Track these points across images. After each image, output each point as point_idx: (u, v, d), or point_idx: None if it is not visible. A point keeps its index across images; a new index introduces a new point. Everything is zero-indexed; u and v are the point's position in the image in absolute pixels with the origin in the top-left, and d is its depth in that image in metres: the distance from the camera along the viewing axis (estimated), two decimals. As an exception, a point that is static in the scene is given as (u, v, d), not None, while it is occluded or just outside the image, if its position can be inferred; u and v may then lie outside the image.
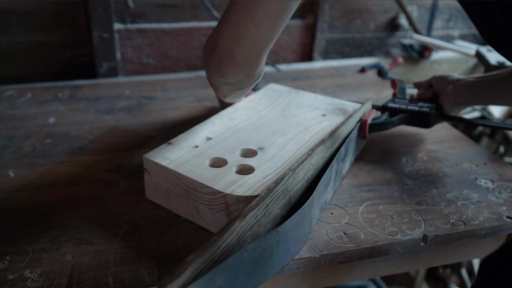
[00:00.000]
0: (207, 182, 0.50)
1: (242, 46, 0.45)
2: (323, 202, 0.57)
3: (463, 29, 1.76)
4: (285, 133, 0.64)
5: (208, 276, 0.36)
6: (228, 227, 0.40)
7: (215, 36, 0.48)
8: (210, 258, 0.38)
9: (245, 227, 0.42)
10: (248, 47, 0.46)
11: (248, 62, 0.47)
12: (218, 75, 0.50)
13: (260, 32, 0.45)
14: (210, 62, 0.50)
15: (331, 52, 1.54)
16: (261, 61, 0.49)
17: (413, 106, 0.73)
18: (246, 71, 0.49)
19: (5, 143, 0.74)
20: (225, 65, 0.47)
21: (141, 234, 0.53)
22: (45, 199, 0.59)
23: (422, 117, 0.71)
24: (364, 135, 0.69)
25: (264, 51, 0.48)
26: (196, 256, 0.36)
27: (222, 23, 0.46)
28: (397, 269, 0.59)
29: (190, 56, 1.30)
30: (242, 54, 0.46)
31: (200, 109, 0.91)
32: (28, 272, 0.46)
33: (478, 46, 1.28)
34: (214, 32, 0.49)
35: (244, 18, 0.44)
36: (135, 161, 0.69)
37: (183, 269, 0.35)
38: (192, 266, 0.35)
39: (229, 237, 0.40)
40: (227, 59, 0.47)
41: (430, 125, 0.72)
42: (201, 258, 0.36)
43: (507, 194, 0.63)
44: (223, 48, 0.46)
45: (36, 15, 1.10)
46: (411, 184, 0.65)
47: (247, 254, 0.40)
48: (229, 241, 0.40)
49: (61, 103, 0.91)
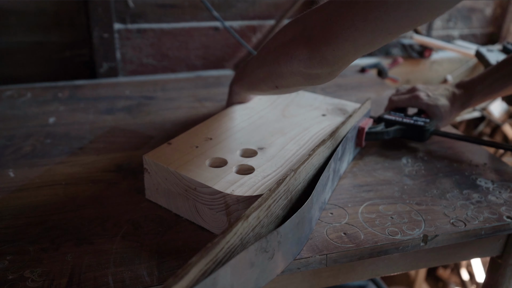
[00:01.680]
0: (207, 182, 0.50)
1: (340, 46, 0.46)
2: (322, 201, 0.57)
3: (463, 29, 1.76)
4: (285, 133, 0.64)
5: (211, 278, 0.36)
6: (230, 229, 0.40)
7: (316, 29, 0.47)
8: (213, 259, 0.38)
9: (247, 228, 0.42)
10: (346, 49, 0.46)
11: (340, 63, 0.48)
12: (303, 64, 0.49)
13: (358, 47, 0.45)
14: (302, 49, 0.49)
15: (331, 52, 1.54)
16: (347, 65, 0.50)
17: (409, 119, 0.74)
18: (333, 70, 0.49)
19: (5, 143, 0.74)
20: (319, 55, 0.48)
21: (141, 234, 0.53)
22: (45, 199, 0.59)
23: (417, 131, 0.73)
24: (360, 142, 0.70)
25: (356, 58, 0.48)
26: (199, 258, 0.36)
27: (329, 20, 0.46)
28: (397, 269, 0.59)
29: (190, 56, 1.30)
30: (337, 54, 0.46)
31: (200, 109, 0.91)
32: (28, 272, 0.46)
33: (478, 46, 1.28)
34: (313, 22, 0.48)
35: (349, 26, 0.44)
36: (135, 161, 0.69)
37: (187, 271, 0.35)
38: (195, 268, 0.35)
39: (232, 238, 0.40)
40: (323, 49, 0.47)
41: (425, 139, 0.74)
42: (205, 259, 0.36)
43: (507, 194, 0.63)
44: (322, 40, 0.46)
45: (36, 15, 1.10)
46: (411, 184, 0.65)
47: (248, 256, 0.40)
48: (231, 242, 0.40)
49: (61, 103, 0.91)
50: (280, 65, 0.52)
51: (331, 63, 0.48)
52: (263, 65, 0.57)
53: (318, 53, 0.47)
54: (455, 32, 1.75)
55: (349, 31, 0.44)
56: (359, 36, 0.44)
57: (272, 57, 0.54)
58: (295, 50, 0.49)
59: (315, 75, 0.51)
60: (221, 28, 1.29)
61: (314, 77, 0.51)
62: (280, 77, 0.55)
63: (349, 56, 0.47)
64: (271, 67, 0.54)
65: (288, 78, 0.54)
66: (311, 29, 0.47)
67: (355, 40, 0.44)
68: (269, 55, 0.55)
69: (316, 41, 0.47)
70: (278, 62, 0.52)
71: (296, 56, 0.49)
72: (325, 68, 0.49)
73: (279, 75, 0.54)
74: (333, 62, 0.48)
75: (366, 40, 0.44)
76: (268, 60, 0.55)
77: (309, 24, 0.48)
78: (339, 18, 0.44)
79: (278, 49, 0.52)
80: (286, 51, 0.51)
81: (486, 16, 1.77)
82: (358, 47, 0.45)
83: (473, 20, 1.76)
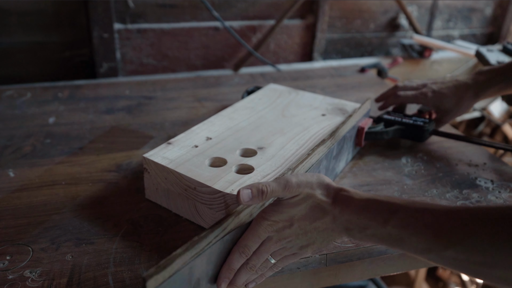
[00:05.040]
0: (207, 182, 0.50)
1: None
2: None
3: (463, 29, 1.76)
4: (285, 133, 0.64)
5: (187, 267, 0.36)
6: (220, 223, 0.40)
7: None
8: (199, 253, 0.38)
9: (238, 224, 0.42)
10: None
11: None
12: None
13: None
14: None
15: (331, 52, 1.54)
16: None
17: (408, 119, 0.74)
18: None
19: (5, 143, 0.74)
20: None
21: (141, 234, 0.53)
22: (45, 199, 0.59)
23: (416, 131, 0.73)
24: (360, 142, 0.70)
25: None
26: (184, 250, 0.36)
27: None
28: (397, 269, 0.59)
29: (190, 56, 1.30)
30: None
31: (200, 109, 0.91)
32: (28, 272, 0.46)
33: (478, 46, 1.28)
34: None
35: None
36: (135, 161, 0.69)
37: (170, 261, 0.35)
38: (179, 259, 0.35)
39: (221, 233, 0.40)
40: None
41: (424, 139, 0.74)
42: (190, 252, 0.37)
43: (506, 194, 0.63)
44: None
45: (36, 15, 1.10)
46: (411, 184, 0.65)
47: (224, 245, 0.41)
48: (220, 237, 0.40)
49: (61, 103, 0.91)
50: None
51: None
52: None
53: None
54: (455, 32, 1.75)
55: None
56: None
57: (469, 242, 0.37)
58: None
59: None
60: (221, 28, 1.29)
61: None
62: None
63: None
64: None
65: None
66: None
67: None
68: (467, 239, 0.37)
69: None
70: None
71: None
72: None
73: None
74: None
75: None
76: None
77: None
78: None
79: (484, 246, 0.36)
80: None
81: (486, 16, 1.77)
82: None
83: (473, 20, 1.76)
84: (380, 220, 0.40)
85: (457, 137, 0.74)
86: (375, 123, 0.77)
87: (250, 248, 0.43)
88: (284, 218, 0.43)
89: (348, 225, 0.42)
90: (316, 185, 0.44)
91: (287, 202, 0.43)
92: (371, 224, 0.41)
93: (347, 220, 0.42)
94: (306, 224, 0.44)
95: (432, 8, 1.63)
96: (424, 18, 1.65)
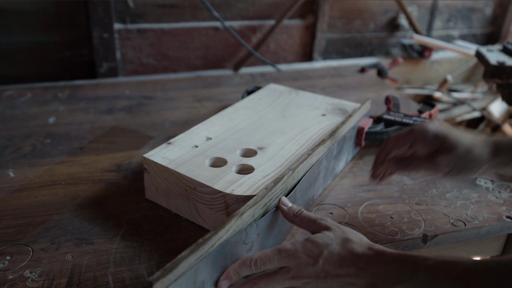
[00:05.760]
0: (207, 182, 0.50)
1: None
2: (309, 198, 0.57)
3: (463, 29, 1.76)
4: (285, 133, 0.64)
5: (193, 270, 0.36)
6: (223, 225, 0.40)
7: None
8: (204, 255, 0.38)
9: (241, 226, 0.42)
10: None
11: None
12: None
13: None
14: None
15: (331, 52, 1.54)
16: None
17: (408, 119, 0.74)
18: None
19: (5, 143, 0.74)
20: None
21: (141, 234, 0.53)
22: (45, 199, 0.59)
23: None
24: (360, 142, 0.70)
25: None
26: (189, 253, 0.36)
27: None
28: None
29: (190, 56, 1.31)
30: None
31: (200, 109, 0.91)
32: (28, 272, 0.46)
33: (478, 46, 1.28)
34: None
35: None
36: (135, 161, 0.69)
37: (175, 265, 0.35)
38: (185, 262, 0.35)
39: (225, 235, 0.40)
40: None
41: None
42: (195, 254, 0.37)
43: (506, 194, 0.63)
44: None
45: (36, 15, 1.10)
46: (411, 184, 0.65)
47: (228, 247, 0.41)
48: (224, 239, 0.40)
49: (61, 103, 0.91)
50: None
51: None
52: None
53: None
54: (455, 32, 1.75)
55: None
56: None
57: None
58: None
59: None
60: (221, 28, 1.30)
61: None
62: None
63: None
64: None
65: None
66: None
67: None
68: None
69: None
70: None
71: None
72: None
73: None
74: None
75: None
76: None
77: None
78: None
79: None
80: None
81: (486, 16, 1.77)
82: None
83: (473, 20, 1.76)
84: (408, 273, 0.39)
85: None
86: (375, 123, 0.77)
87: (264, 265, 0.41)
88: (313, 253, 0.41)
89: (374, 280, 0.41)
90: (351, 233, 0.44)
91: (321, 236, 0.43)
92: (398, 277, 0.40)
93: (373, 274, 0.40)
94: (330, 269, 0.41)
95: (432, 8, 1.63)
96: (424, 18, 1.65)
